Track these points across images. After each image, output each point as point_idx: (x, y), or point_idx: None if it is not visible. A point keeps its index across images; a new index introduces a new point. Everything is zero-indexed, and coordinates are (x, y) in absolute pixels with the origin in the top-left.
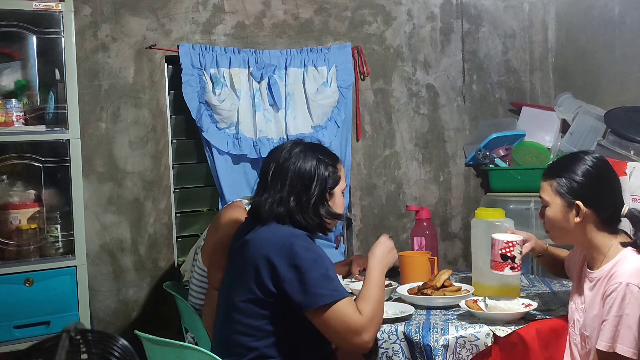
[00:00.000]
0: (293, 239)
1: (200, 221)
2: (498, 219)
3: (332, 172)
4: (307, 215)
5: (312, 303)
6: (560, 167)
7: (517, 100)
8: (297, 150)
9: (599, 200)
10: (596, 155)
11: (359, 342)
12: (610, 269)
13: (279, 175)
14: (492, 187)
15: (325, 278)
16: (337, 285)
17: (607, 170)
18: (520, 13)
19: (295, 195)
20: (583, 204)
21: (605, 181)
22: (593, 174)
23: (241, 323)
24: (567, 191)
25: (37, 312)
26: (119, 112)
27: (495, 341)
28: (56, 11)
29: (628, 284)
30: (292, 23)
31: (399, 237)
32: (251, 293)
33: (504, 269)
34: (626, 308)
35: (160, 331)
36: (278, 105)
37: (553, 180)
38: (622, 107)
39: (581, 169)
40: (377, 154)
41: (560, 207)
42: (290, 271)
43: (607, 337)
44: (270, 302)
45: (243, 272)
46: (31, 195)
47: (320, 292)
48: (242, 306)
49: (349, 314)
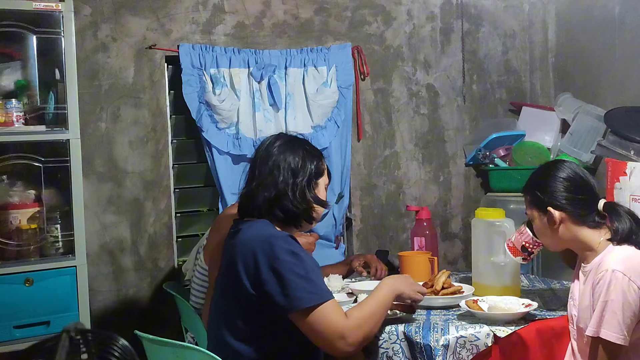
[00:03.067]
0: (273, 240)
1: (200, 221)
2: (498, 219)
3: (318, 163)
4: (295, 199)
5: (293, 306)
6: (530, 182)
7: (517, 100)
8: (283, 140)
9: (567, 200)
10: (562, 161)
11: (343, 345)
12: (599, 261)
13: (265, 165)
14: (492, 187)
15: (306, 280)
16: (318, 288)
17: (567, 171)
18: (520, 13)
19: (283, 180)
20: (553, 208)
21: (567, 182)
22: (554, 179)
23: (231, 325)
24: (538, 202)
25: (37, 312)
26: (119, 112)
27: (495, 341)
28: (56, 11)
29: (613, 270)
30: (292, 23)
31: (399, 237)
32: (236, 295)
33: (518, 257)
34: (611, 294)
35: (160, 331)
36: (278, 105)
37: (527, 195)
38: (622, 107)
39: (543, 178)
40: (377, 154)
41: (539, 218)
42: (269, 274)
43: (594, 322)
44: (255, 305)
45: (229, 273)
46: (31, 195)
47: (300, 294)
48: (231, 307)
49: (331, 316)
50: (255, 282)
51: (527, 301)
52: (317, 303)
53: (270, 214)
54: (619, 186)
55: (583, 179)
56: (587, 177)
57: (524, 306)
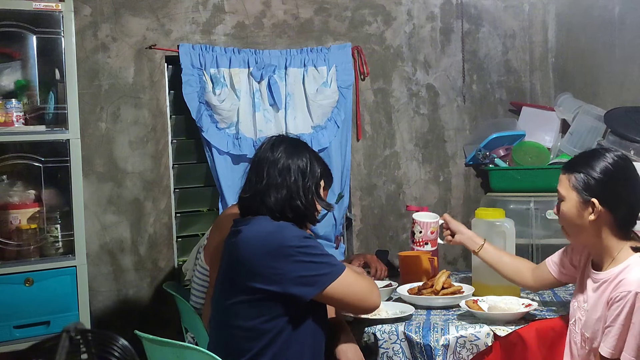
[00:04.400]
0: (283, 231)
1: (200, 221)
2: (498, 219)
3: (322, 165)
4: (306, 200)
5: (319, 286)
6: (580, 162)
7: (517, 100)
8: (287, 143)
9: (616, 199)
10: (618, 153)
11: (375, 298)
12: (618, 273)
13: (275, 167)
14: (492, 187)
15: (323, 257)
16: (333, 261)
17: (627, 169)
18: (520, 13)
19: (295, 182)
20: (599, 202)
21: (623, 181)
22: (612, 172)
23: (233, 325)
24: (583, 187)
25: (37, 312)
26: (119, 112)
27: (495, 341)
28: (56, 11)
29: (637, 293)
30: (292, 23)
31: (399, 237)
32: (244, 294)
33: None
34: (634, 317)
35: (160, 331)
36: (278, 105)
37: (571, 175)
38: (622, 107)
39: (600, 166)
40: (377, 154)
41: (575, 203)
42: (287, 263)
43: (612, 344)
44: (266, 302)
45: (235, 273)
46: (31, 195)
47: (323, 271)
48: (234, 307)
49: (354, 280)
50: (271, 276)
51: (527, 301)
52: (340, 273)
53: (280, 213)
54: None
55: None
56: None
57: (524, 306)
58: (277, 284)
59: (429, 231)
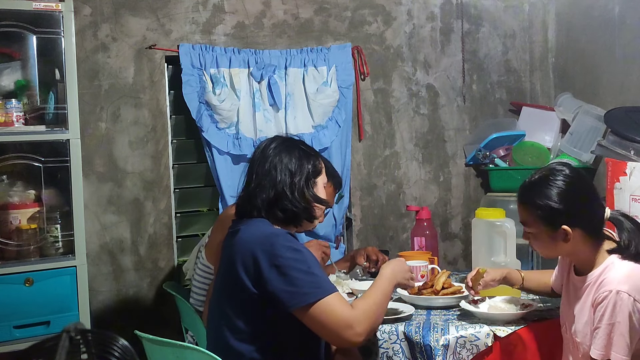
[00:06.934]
0: (273, 238)
1: (200, 221)
2: (498, 219)
3: (315, 162)
4: (294, 199)
5: (297, 302)
6: (535, 192)
7: (517, 100)
8: (278, 142)
9: (582, 216)
10: (565, 171)
11: (351, 335)
12: (599, 275)
13: (263, 167)
14: (492, 187)
15: (309, 275)
16: (321, 282)
17: (579, 182)
18: (520, 13)
19: (281, 181)
20: (569, 227)
21: (581, 196)
22: (570, 195)
23: (230, 325)
24: (549, 220)
25: (37, 312)
26: (119, 112)
27: (495, 341)
28: (56, 11)
29: (618, 291)
30: (292, 23)
31: (399, 237)
32: (240, 295)
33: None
34: (617, 316)
35: (160, 331)
36: (278, 105)
37: (531, 207)
38: (622, 107)
39: (556, 193)
40: (377, 154)
41: (545, 235)
42: (272, 272)
43: (601, 345)
44: (256, 304)
45: (228, 273)
46: (31, 195)
47: (304, 290)
48: (230, 308)
49: (337, 308)
50: (257, 280)
51: (527, 301)
52: (323, 296)
53: (270, 214)
54: (619, 186)
55: (594, 190)
56: (590, 182)
57: (524, 306)
58: (264, 290)
59: (419, 275)
